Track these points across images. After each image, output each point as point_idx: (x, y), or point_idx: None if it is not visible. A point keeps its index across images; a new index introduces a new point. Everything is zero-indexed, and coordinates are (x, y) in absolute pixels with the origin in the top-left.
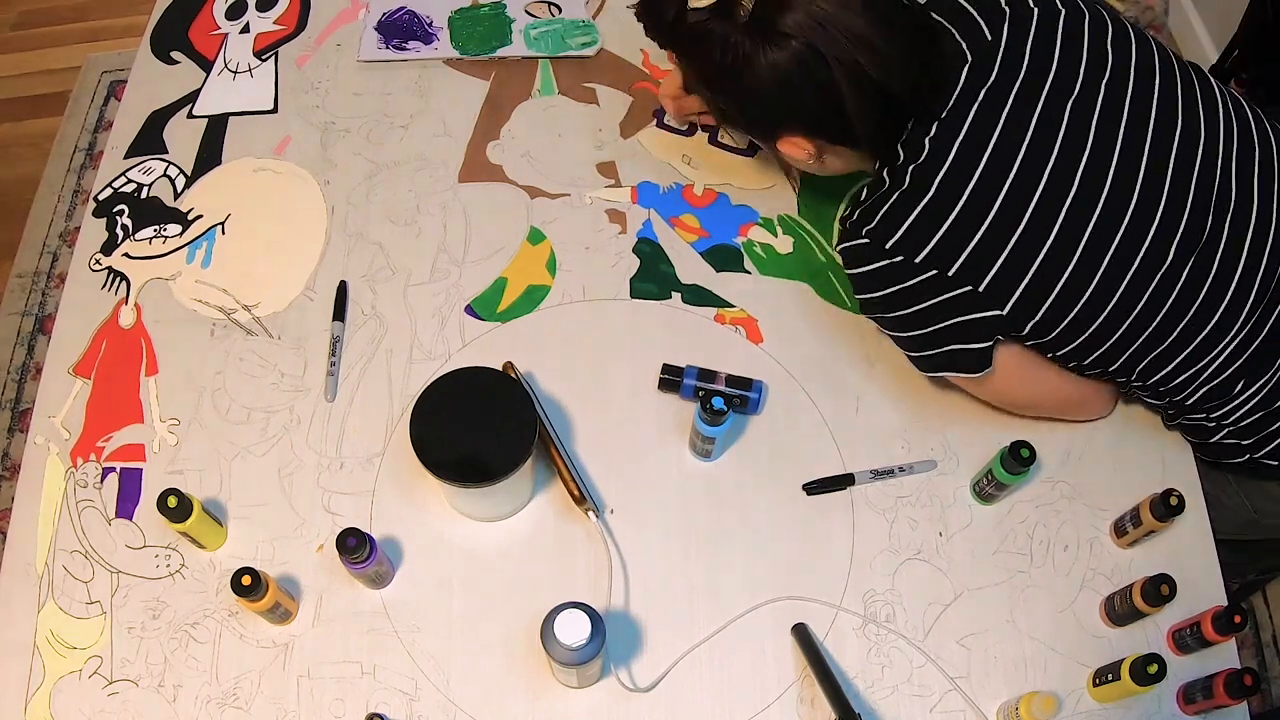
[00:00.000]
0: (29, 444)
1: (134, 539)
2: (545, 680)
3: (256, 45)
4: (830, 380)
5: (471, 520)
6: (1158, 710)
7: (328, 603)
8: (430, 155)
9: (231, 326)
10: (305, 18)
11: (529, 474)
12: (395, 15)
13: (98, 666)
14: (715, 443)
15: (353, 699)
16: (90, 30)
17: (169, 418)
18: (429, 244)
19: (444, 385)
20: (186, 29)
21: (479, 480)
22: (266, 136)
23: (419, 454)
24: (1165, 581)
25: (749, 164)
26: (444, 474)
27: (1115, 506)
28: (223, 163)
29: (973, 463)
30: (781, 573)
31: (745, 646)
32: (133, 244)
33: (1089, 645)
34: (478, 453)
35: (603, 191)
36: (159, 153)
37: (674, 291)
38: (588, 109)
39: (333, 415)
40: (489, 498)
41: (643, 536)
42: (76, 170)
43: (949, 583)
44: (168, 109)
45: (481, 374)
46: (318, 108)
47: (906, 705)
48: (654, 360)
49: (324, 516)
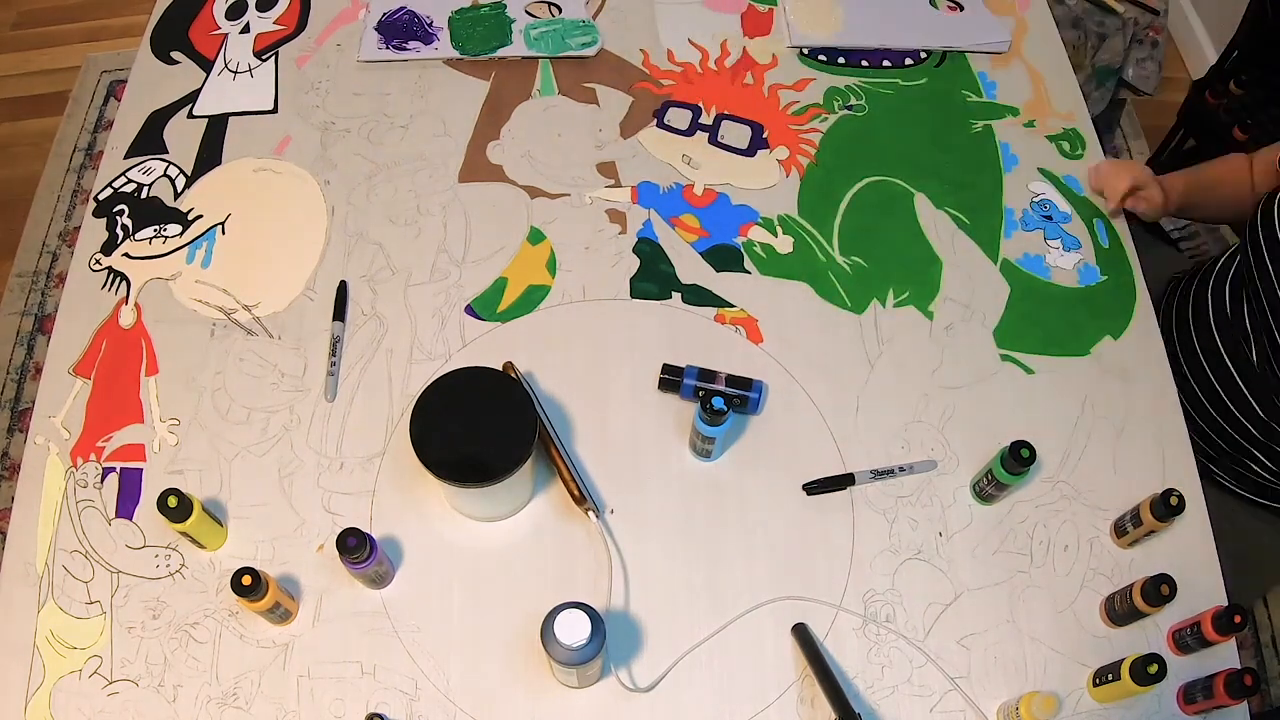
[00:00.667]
0: (29, 444)
1: (134, 539)
2: (545, 680)
3: (256, 45)
4: (830, 380)
5: (471, 520)
6: (1158, 710)
7: (328, 603)
8: (430, 155)
9: (231, 326)
10: (305, 18)
11: (529, 474)
12: (395, 15)
13: (98, 666)
14: (715, 443)
15: (353, 699)
16: (90, 30)
17: (169, 418)
18: (429, 244)
19: (444, 385)
20: (186, 29)
21: (479, 480)
22: (266, 136)
23: (419, 454)
24: (1165, 581)
25: (749, 164)
26: (444, 474)
27: (1115, 506)
28: (223, 163)
29: (973, 463)
30: (781, 573)
31: (745, 646)
32: (133, 244)
33: (1089, 645)
34: (478, 453)
35: (603, 191)
36: (159, 153)
37: (674, 291)
38: (588, 109)
39: (333, 415)
40: (489, 498)
41: (643, 536)
42: (76, 170)
43: (949, 583)
44: (168, 109)
45: (481, 374)
46: (318, 108)
47: (906, 705)
48: (654, 360)
49: (324, 516)
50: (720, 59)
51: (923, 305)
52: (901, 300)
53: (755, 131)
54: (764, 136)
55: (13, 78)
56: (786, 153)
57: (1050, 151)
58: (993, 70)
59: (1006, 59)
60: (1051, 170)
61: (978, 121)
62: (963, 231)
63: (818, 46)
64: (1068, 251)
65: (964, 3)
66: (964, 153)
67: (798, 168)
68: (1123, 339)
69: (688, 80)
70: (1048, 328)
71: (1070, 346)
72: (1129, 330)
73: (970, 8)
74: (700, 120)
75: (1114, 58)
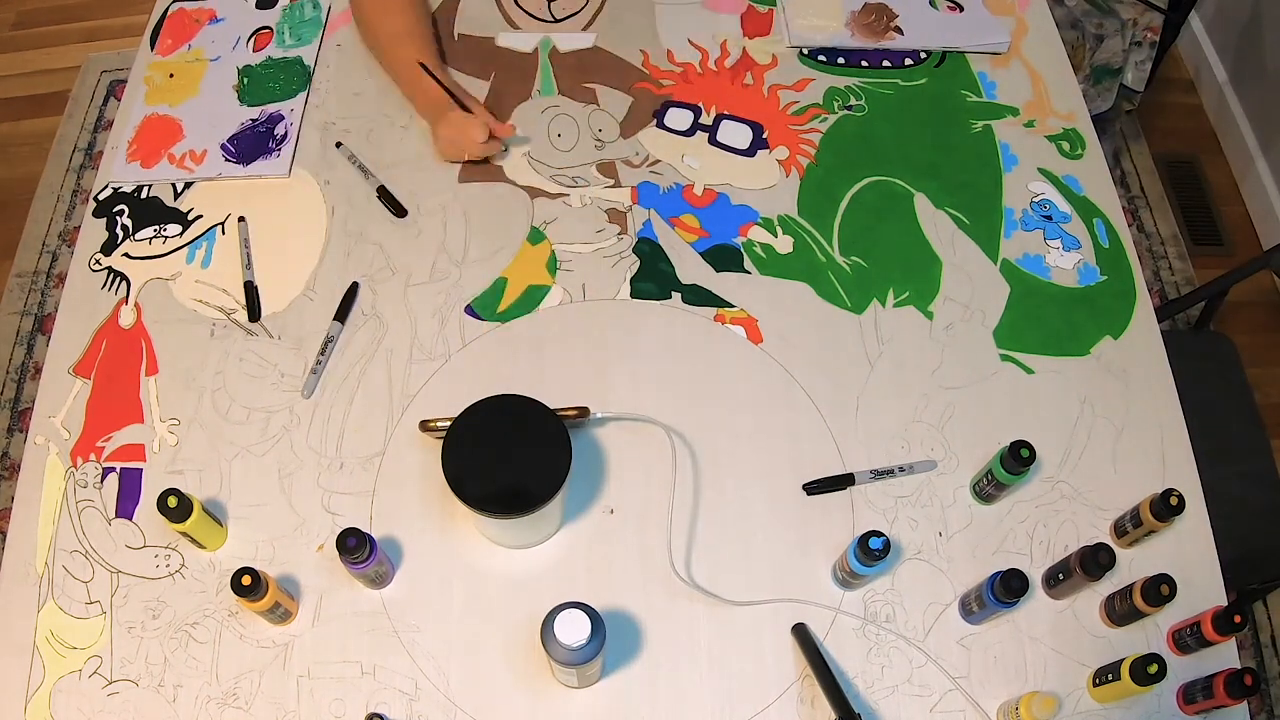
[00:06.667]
0: (29, 444)
1: (134, 539)
2: (545, 680)
3: (256, 45)
4: (830, 380)
5: (482, 531)
6: (1158, 710)
7: (328, 603)
8: (430, 155)
9: (231, 326)
10: None
11: (562, 497)
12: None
13: (98, 666)
14: (863, 579)
15: (353, 699)
16: (90, 30)
17: (169, 418)
18: (429, 244)
19: (469, 420)
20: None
21: (521, 509)
22: None
23: (459, 494)
24: (1165, 581)
25: (749, 164)
26: (487, 508)
27: (1115, 506)
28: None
29: (973, 463)
30: (781, 573)
31: (745, 646)
32: (133, 244)
33: (1089, 645)
34: (515, 481)
35: (603, 191)
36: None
37: (674, 291)
38: (588, 109)
39: (333, 415)
40: (529, 526)
41: (643, 536)
42: (76, 170)
43: (949, 583)
44: None
45: (506, 401)
46: (318, 108)
47: (906, 705)
48: (654, 360)
49: (324, 516)
50: (720, 59)
51: (923, 305)
52: (901, 300)
53: (755, 132)
54: (764, 137)
55: (13, 78)
56: (786, 153)
57: (1050, 151)
58: (993, 70)
59: (1006, 59)
60: (1051, 170)
61: (977, 121)
62: (963, 231)
63: (817, 47)
64: (1068, 251)
65: (964, 3)
66: (964, 153)
67: (797, 168)
68: (1123, 339)
69: (688, 80)
70: (1048, 328)
71: (1070, 346)
72: (1129, 330)
73: (970, 8)
74: (700, 120)
75: (1112, 58)
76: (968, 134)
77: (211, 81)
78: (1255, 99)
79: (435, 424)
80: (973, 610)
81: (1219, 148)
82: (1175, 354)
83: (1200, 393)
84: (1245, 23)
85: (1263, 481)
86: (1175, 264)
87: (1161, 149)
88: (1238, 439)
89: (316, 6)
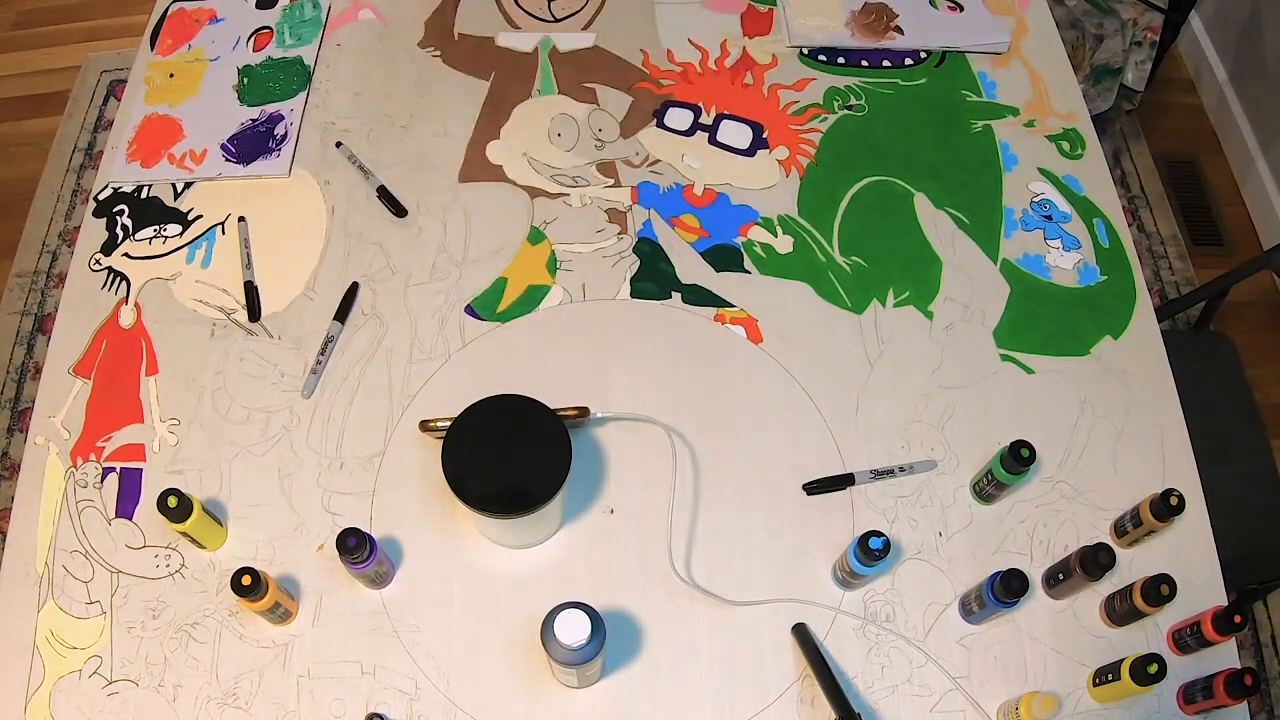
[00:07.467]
0: (29, 444)
1: (134, 539)
2: (545, 680)
3: (256, 45)
4: (830, 380)
5: (482, 531)
6: (1158, 710)
7: (328, 603)
8: (430, 155)
9: (231, 326)
10: None
11: (562, 497)
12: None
13: (98, 666)
14: (863, 579)
15: (353, 699)
16: (90, 30)
17: (169, 418)
18: (429, 244)
19: (468, 420)
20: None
21: (522, 509)
22: None
23: (459, 494)
24: (1165, 581)
25: (749, 164)
26: (488, 508)
27: (1115, 506)
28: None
29: (973, 463)
30: (781, 573)
31: (745, 646)
32: (133, 244)
33: (1089, 645)
34: (515, 481)
35: (603, 191)
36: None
37: (674, 291)
38: (588, 109)
39: (333, 415)
40: (529, 525)
41: (643, 536)
42: (76, 170)
43: (949, 583)
44: None
45: (505, 401)
46: (318, 108)
47: (906, 705)
48: (654, 360)
49: (324, 516)
50: (720, 59)
51: (923, 305)
52: (901, 300)
53: (755, 131)
54: (764, 136)
55: (13, 78)
56: (786, 153)
57: (1050, 151)
58: (993, 70)
59: (1006, 59)
60: (1051, 170)
61: (978, 121)
62: (963, 231)
63: (817, 46)
64: (1067, 251)
65: (964, 3)
66: (964, 153)
67: (797, 168)
68: (1123, 339)
69: (688, 80)
70: (1047, 328)
71: (1070, 346)
72: (1129, 330)
73: (970, 8)
74: (700, 120)
75: (1112, 58)
76: (968, 134)
77: (211, 81)
78: (1255, 99)
79: (435, 424)
80: (973, 610)
81: (1219, 148)
82: (1175, 354)
83: (1200, 393)
84: (1245, 23)
85: (1263, 481)
86: (1175, 264)
87: (1161, 149)
88: (1238, 439)
89: (316, 6)
